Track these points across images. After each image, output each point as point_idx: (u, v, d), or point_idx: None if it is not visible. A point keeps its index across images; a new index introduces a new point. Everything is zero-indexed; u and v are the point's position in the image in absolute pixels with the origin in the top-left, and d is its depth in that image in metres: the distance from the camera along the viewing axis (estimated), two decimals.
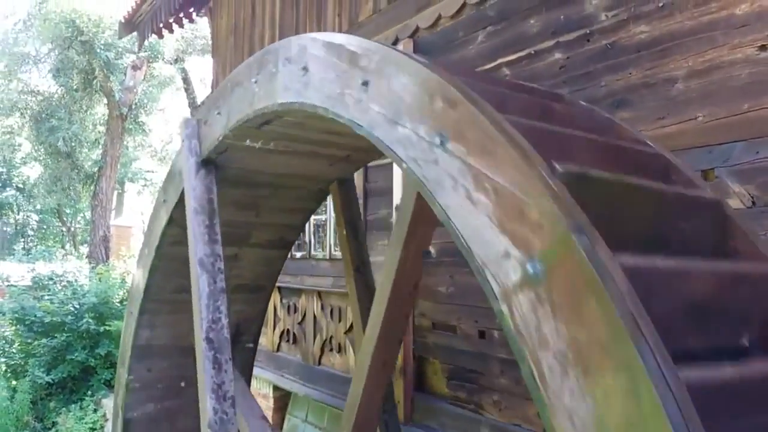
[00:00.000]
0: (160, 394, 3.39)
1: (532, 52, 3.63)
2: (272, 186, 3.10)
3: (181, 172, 2.83)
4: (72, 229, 29.55)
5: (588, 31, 3.31)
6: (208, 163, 2.77)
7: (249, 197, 3.12)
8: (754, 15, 2.62)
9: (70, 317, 10.64)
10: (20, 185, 27.40)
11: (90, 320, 10.53)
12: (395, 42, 4.63)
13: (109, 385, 10.11)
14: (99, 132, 21.09)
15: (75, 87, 18.94)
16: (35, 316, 10.62)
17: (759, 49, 2.60)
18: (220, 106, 2.62)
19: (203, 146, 2.76)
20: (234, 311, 3.25)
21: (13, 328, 11.10)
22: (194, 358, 3.24)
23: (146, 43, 10.53)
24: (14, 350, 11.09)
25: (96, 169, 19.61)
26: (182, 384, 3.40)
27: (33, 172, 26.46)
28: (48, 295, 11.51)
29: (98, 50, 17.91)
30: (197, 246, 2.61)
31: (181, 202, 2.85)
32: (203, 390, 2.49)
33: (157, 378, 3.37)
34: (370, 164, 4.58)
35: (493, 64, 3.87)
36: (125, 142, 21.57)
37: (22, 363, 10.78)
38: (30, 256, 17.81)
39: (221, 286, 2.61)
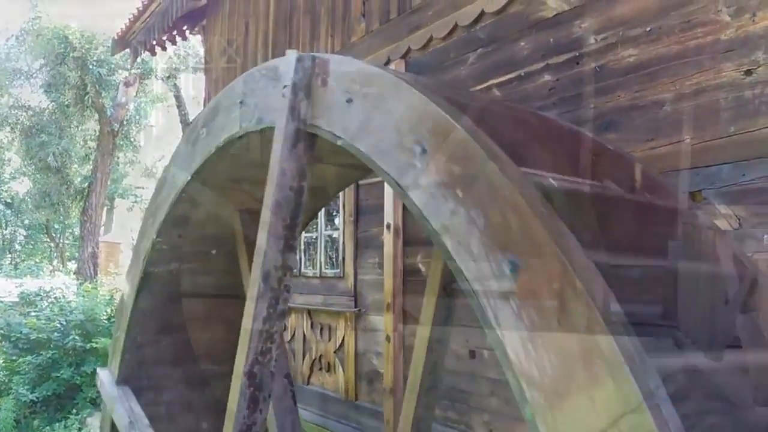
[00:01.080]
0: (186, 257, 3.19)
1: (522, 74, 3.68)
2: None
3: (272, 99, 2.17)
4: (60, 244, 29.26)
5: (577, 54, 3.36)
6: (310, 136, 2.06)
7: None
8: (739, 41, 2.67)
9: (56, 334, 10.50)
10: (8, 200, 27.17)
11: (76, 337, 10.40)
12: (387, 63, 4.67)
13: (95, 403, 9.96)
14: (89, 148, 21.00)
15: (67, 102, 18.89)
16: (21, 332, 10.47)
17: (744, 73, 2.65)
18: (353, 95, 1.89)
19: (313, 112, 2.01)
20: None
21: None
22: (232, 231, 3.02)
23: (139, 59, 10.56)
24: None
25: (86, 184, 19.51)
26: (213, 251, 3.20)
27: (22, 187, 26.26)
28: (35, 311, 11.38)
29: (91, 66, 17.91)
30: (267, 253, 2.03)
31: (260, 134, 2.31)
32: (229, 430, 2.10)
33: (186, 243, 3.14)
34: (361, 182, 4.60)
35: (483, 86, 3.91)
36: (116, 158, 21.48)
37: (6, 380, 10.61)
38: (18, 271, 17.65)
39: (282, 310, 2.09)
